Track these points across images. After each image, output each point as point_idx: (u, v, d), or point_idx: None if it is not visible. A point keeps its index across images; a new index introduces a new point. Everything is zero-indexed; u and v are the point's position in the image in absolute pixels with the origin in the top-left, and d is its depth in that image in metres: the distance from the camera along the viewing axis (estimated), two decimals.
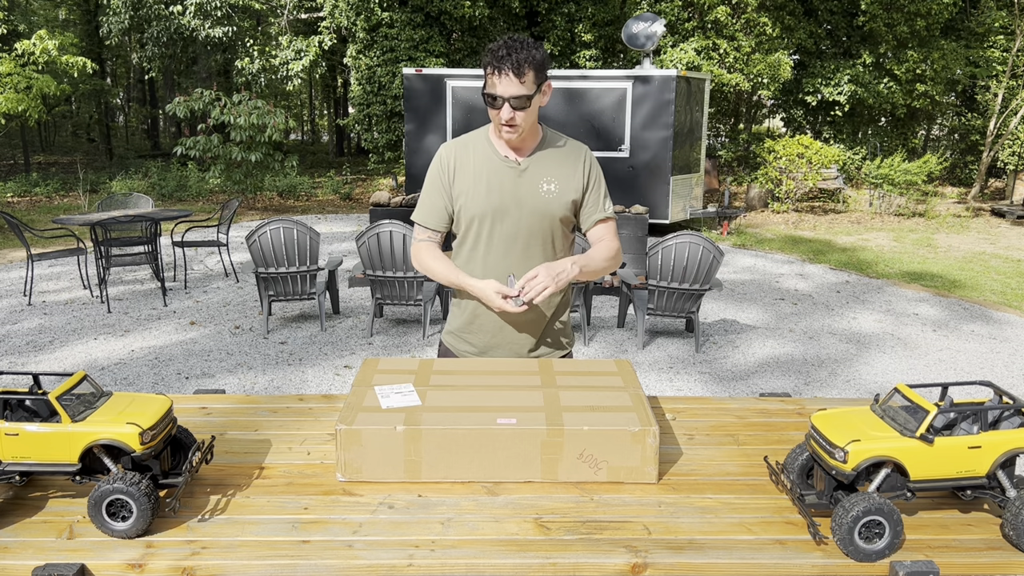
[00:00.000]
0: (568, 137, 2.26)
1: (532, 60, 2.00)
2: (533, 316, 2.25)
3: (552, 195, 2.16)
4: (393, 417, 1.70)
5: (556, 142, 2.22)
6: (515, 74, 1.98)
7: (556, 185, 2.17)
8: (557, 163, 2.18)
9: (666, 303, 5.82)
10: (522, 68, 1.98)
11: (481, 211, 2.17)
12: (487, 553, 1.42)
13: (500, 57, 1.98)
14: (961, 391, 5.03)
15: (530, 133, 2.15)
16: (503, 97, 2.01)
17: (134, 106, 32.86)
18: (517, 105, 2.02)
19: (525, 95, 2.01)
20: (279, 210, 13.61)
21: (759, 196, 14.03)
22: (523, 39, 2.02)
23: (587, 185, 2.21)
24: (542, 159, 2.17)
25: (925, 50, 15.67)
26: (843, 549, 1.41)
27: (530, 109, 2.04)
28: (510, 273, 2.17)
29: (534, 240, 2.18)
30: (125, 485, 1.44)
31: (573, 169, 2.19)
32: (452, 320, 2.35)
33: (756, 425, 2.01)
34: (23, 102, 10.67)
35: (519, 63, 1.97)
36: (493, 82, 2.01)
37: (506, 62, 1.97)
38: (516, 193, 2.15)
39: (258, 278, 6.14)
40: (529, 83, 2.01)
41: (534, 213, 2.16)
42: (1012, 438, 1.50)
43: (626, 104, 10.63)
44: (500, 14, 15.79)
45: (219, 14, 16.91)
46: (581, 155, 2.22)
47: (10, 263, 8.89)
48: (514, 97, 2.00)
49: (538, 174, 2.16)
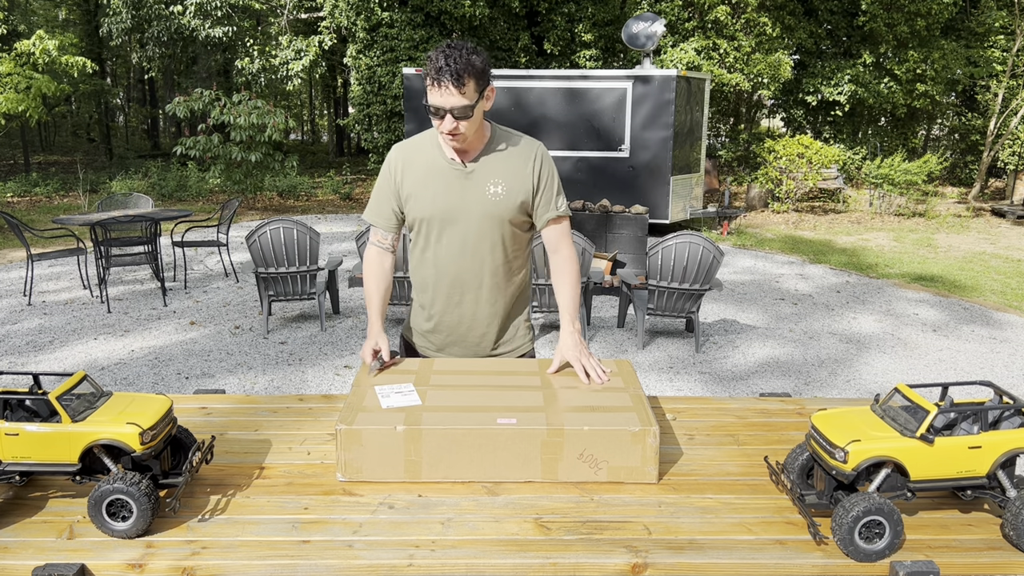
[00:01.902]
0: (521, 135, 2.21)
1: (472, 68, 1.94)
2: (489, 314, 2.25)
3: (499, 197, 2.13)
4: (393, 417, 1.70)
5: (506, 141, 2.17)
6: (454, 85, 1.93)
7: (503, 187, 2.13)
8: (505, 164, 2.15)
9: (666, 303, 5.82)
10: (461, 78, 1.93)
11: (428, 215, 2.16)
12: (487, 553, 1.42)
13: (438, 68, 1.93)
14: (961, 391, 5.02)
15: (476, 136, 2.11)
16: (444, 108, 1.97)
17: (134, 106, 32.86)
18: (459, 115, 1.98)
19: (466, 105, 1.97)
20: (279, 210, 13.61)
21: (759, 196, 14.03)
22: (462, 45, 1.97)
23: (537, 185, 2.16)
24: (490, 161, 2.14)
25: (925, 50, 15.67)
26: (843, 549, 1.41)
27: (473, 117, 2.01)
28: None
29: (483, 243, 2.16)
30: (125, 485, 1.44)
31: (522, 169, 2.15)
32: (413, 317, 2.37)
33: (756, 425, 2.01)
34: (23, 102, 10.67)
35: (458, 73, 1.92)
36: (433, 93, 1.97)
37: (444, 73, 1.93)
38: (463, 197, 2.13)
39: (258, 278, 6.14)
40: (470, 92, 1.96)
41: (483, 216, 2.14)
42: (1012, 438, 1.50)
43: (626, 104, 10.63)
44: (500, 14, 15.79)
45: (219, 14, 16.91)
46: (531, 154, 2.17)
47: (10, 263, 8.89)
48: (455, 108, 1.96)
49: (485, 176, 2.13)
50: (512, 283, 2.26)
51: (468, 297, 2.22)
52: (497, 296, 2.24)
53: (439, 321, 2.28)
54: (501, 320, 2.28)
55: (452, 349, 2.31)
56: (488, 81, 2.02)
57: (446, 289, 2.22)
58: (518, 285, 2.29)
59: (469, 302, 2.23)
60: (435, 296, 2.25)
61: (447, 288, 2.22)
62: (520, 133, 2.22)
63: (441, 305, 2.25)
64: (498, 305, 2.25)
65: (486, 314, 2.25)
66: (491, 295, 2.23)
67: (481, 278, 2.20)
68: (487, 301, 2.23)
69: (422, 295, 2.30)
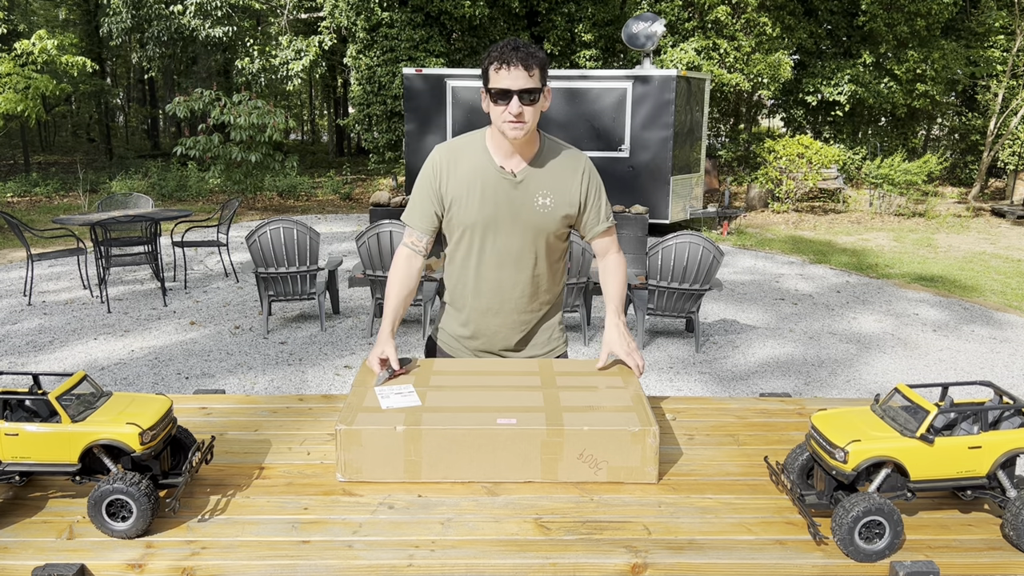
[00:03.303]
0: (569, 146, 2.20)
1: (538, 58, 1.99)
2: (526, 320, 2.24)
3: (547, 210, 2.12)
4: (393, 417, 1.70)
5: (554, 152, 2.15)
6: (524, 67, 1.95)
7: (552, 199, 2.12)
8: (554, 176, 2.13)
9: (666, 303, 5.83)
10: (530, 60, 1.96)
11: (473, 222, 2.12)
12: (487, 553, 1.42)
13: (508, 51, 1.96)
14: (961, 391, 5.03)
15: (528, 140, 2.09)
16: (512, 90, 1.96)
17: (134, 106, 32.86)
18: (527, 100, 1.98)
19: (535, 88, 1.97)
20: (279, 210, 13.61)
21: (759, 196, 14.03)
22: (526, 41, 2.02)
23: (585, 200, 2.16)
24: (539, 171, 2.11)
25: (925, 50, 15.67)
26: (843, 549, 1.41)
27: (536, 106, 2.01)
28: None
29: (527, 253, 2.15)
30: (125, 485, 1.44)
31: (570, 183, 2.13)
32: (446, 320, 2.34)
33: (756, 425, 2.01)
34: (22, 102, 10.67)
35: (528, 55, 1.96)
36: (501, 76, 1.96)
37: (515, 55, 1.95)
38: (511, 206, 2.11)
39: (258, 278, 6.14)
40: (537, 78, 1.98)
41: (528, 227, 2.12)
42: (1012, 438, 1.50)
43: (626, 104, 10.63)
44: (500, 14, 15.79)
45: (219, 14, 16.91)
46: (580, 167, 2.15)
47: (10, 263, 8.89)
48: (524, 90, 1.96)
49: (534, 187, 2.11)
50: (550, 291, 2.26)
51: (508, 306, 2.21)
52: (535, 303, 2.24)
53: (476, 327, 2.25)
54: (537, 324, 2.28)
55: (485, 353, 2.29)
56: (547, 79, 2.04)
57: (486, 297, 2.20)
58: (555, 292, 2.29)
59: (508, 311, 2.21)
60: (473, 303, 2.22)
61: (487, 296, 2.20)
62: (567, 144, 2.21)
63: (479, 312, 2.23)
64: (535, 312, 2.25)
65: (523, 320, 2.24)
66: (529, 303, 2.22)
67: (522, 287, 2.19)
68: (525, 309, 2.23)
69: (458, 300, 2.26)
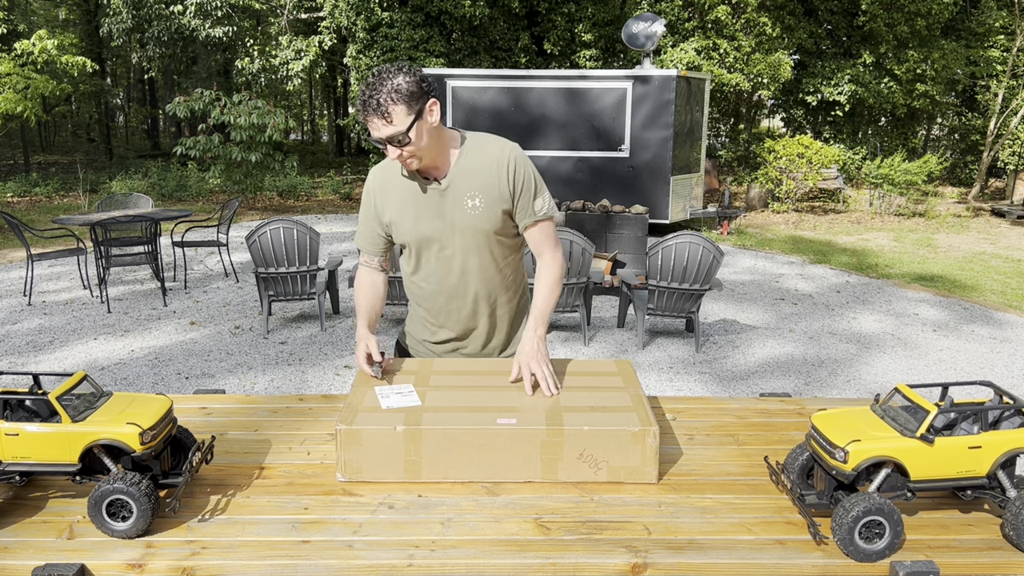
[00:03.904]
0: (494, 139, 2.11)
1: (396, 94, 1.88)
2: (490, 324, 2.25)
3: (479, 211, 2.08)
4: (393, 417, 1.70)
5: (479, 151, 2.09)
6: (380, 117, 1.89)
7: (481, 199, 2.07)
8: (478, 175, 2.07)
9: (666, 303, 5.83)
10: (385, 108, 1.88)
11: (413, 238, 2.13)
12: (487, 553, 1.42)
13: (364, 102, 1.90)
14: (961, 391, 5.03)
15: (438, 152, 2.04)
16: (378, 140, 1.94)
17: (134, 106, 32.86)
18: (399, 143, 1.93)
19: (399, 132, 1.90)
20: (279, 210, 13.61)
21: (759, 196, 14.03)
22: (387, 71, 1.91)
23: (513, 191, 2.08)
24: (463, 174, 2.07)
25: (925, 50, 15.66)
26: (843, 549, 1.41)
27: (417, 139, 1.94)
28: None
29: (471, 257, 2.13)
30: (125, 485, 1.44)
31: (497, 177, 2.07)
32: (411, 324, 2.36)
33: (756, 425, 2.01)
34: (22, 103, 10.67)
35: (381, 104, 1.88)
36: (367, 126, 1.93)
37: (368, 107, 1.89)
38: (444, 215, 2.09)
39: (258, 278, 6.14)
40: (400, 118, 1.89)
41: (466, 232, 2.10)
42: (1012, 438, 1.50)
43: (626, 104, 10.63)
44: (500, 14, 15.79)
45: (219, 14, 16.91)
46: (504, 160, 2.07)
47: (10, 263, 8.89)
48: (388, 138, 1.92)
49: (461, 191, 2.07)
50: (509, 290, 2.25)
51: (465, 312, 2.21)
52: (495, 307, 2.23)
53: (441, 333, 2.28)
54: (506, 327, 2.28)
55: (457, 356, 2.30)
56: (424, 97, 1.93)
57: (443, 304, 2.21)
58: (516, 291, 2.28)
59: (467, 317, 2.22)
60: (433, 311, 2.24)
61: (444, 303, 2.21)
62: (494, 137, 2.13)
63: (441, 319, 2.25)
64: (498, 314, 2.25)
65: (487, 325, 2.24)
66: (488, 307, 2.22)
67: (476, 291, 2.18)
68: (485, 313, 2.22)
69: (419, 308, 2.29)
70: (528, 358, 1.91)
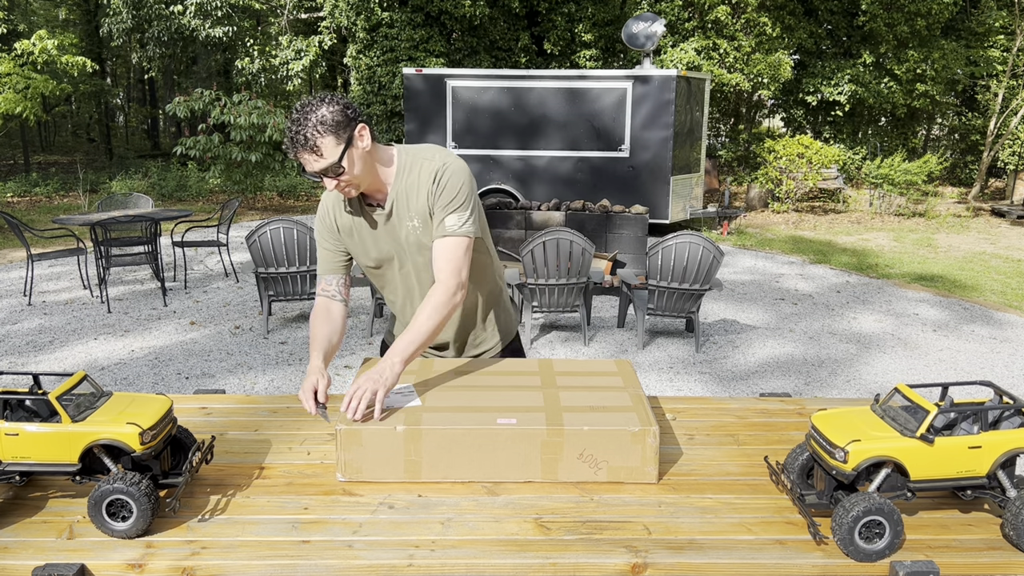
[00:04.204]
0: (430, 153, 2.06)
1: (321, 126, 1.86)
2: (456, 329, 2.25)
3: (418, 230, 2.06)
4: (393, 417, 1.70)
5: (413, 169, 2.05)
6: (310, 152, 1.87)
7: (417, 219, 2.06)
8: (412, 195, 2.05)
9: (666, 303, 5.83)
10: (313, 142, 1.86)
11: (369, 263, 2.16)
12: (487, 553, 1.42)
13: (291, 139, 1.88)
14: (961, 391, 5.03)
15: (377, 175, 2.02)
16: (312, 174, 1.93)
17: (134, 106, 32.85)
18: (334, 174, 1.91)
19: (332, 163, 1.88)
20: (279, 210, 13.61)
21: (759, 196, 14.03)
22: (309, 104, 1.88)
23: (433, 204, 2.03)
24: (401, 195, 2.05)
25: (925, 50, 15.66)
26: (843, 549, 1.41)
27: (350, 167, 1.92)
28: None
29: (426, 273, 2.13)
30: (125, 485, 1.44)
31: (426, 195, 2.04)
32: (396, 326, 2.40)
33: (756, 425, 2.01)
34: (22, 103, 10.67)
35: (308, 139, 1.86)
36: (299, 163, 1.94)
37: (297, 144, 1.87)
38: (392, 239, 2.10)
39: (258, 278, 6.14)
40: (329, 150, 1.87)
41: (414, 251, 2.10)
42: (1012, 438, 1.50)
43: (626, 104, 10.63)
44: (500, 14, 15.79)
45: (219, 14, 16.91)
46: (430, 176, 2.03)
47: (10, 263, 8.89)
48: (321, 171, 1.90)
49: (401, 212, 2.06)
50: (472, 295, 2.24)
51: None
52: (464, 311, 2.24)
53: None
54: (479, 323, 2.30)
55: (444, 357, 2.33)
56: (351, 123, 1.90)
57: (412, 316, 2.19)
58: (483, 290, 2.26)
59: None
60: (405, 321, 2.27)
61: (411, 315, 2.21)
62: (430, 150, 2.08)
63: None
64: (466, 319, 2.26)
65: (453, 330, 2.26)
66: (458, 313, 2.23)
67: None
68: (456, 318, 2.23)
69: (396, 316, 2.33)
70: (362, 381, 1.77)
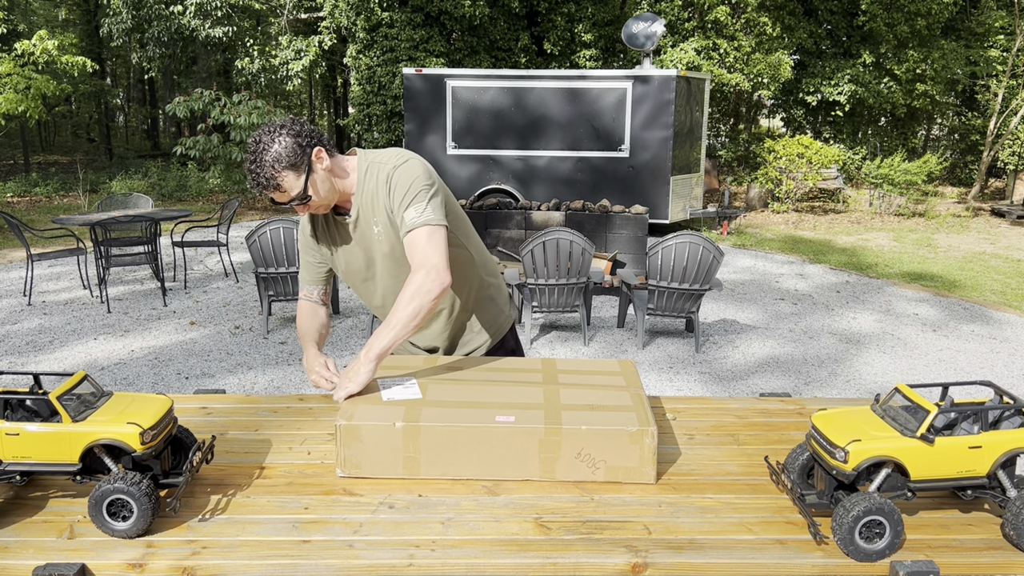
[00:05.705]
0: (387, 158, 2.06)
1: (277, 163, 1.89)
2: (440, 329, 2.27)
3: (382, 235, 2.09)
4: (392, 413, 1.70)
5: (372, 175, 2.06)
6: (274, 190, 1.93)
7: (380, 225, 2.07)
8: (372, 201, 2.07)
9: (666, 303, 5.83)
10: (274, 181, 1.90)
11: (345, 272, 2.21)
12: (487, 553, 1.42)
13: (254, 181, 1.92)
14: (961, 391, 5.03)
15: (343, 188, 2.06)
16: (285, 204, 1.97)
17: (134, 106, 32.84)
18: (302, 202, 1.96)
19: (297, 194, 1.93)
20: (279, 210, 13.61)
21: (759, 196, 14.03)
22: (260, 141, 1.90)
23: (392, 207, 2.04)
24: (364, 203, 2.08)
25: (925, 50, 15.66)
26: (843, 549, 1.41)
27: (315, 190, 1.96)
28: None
29: (401, 274, 2.14)
30: (126, 485, 1.44)
31: (383, 200, 2.05)
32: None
33: (756, 425, 2.01)
34: (22, 103, 10.67)
35: (270, 179, 1.90)
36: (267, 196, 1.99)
37: (260, 184, 1.92)
38: (362, 247, 2.13)
39: (258, 278, 6.14)
40: (289, 182, 1.91)
41: (385, 258, 2.13)
42: (1012, 438, 1.50)
43: (626, 104, 10.63)
44: (500, 14, 15.78)
45: (219, 14, 16.91)
46: (384, 181, 2.03)
47: (10, 263, 8.89)
48: (291, 201, 1.95)
49: (367, 219, 2.08)
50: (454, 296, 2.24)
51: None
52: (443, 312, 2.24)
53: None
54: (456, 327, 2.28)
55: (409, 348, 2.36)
56: (306, 152, 1.92)
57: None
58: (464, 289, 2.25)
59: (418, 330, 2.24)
60: None
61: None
62: (388, 153, 2.07)
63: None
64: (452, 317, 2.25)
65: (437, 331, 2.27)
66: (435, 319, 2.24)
67: None
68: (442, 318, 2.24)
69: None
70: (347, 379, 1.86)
